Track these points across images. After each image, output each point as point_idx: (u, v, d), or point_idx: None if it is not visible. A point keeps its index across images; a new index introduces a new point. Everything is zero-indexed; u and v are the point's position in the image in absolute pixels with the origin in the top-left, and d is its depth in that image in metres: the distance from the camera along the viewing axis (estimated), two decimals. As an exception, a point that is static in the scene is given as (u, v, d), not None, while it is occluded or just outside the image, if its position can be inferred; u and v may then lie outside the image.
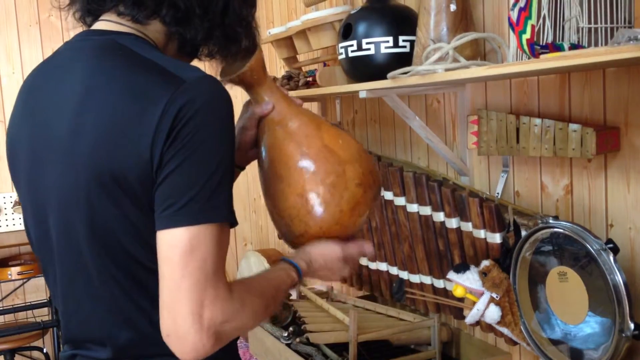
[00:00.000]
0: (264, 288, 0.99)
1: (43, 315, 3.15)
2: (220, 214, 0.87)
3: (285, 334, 1.82)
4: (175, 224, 0.85)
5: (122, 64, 0.93)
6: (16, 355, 3.08)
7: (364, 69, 1.70)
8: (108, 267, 0.94)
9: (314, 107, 2.64)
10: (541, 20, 1.21)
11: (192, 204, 0.85)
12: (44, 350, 3.10)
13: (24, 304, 3.16)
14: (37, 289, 3.25)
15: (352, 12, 1.75)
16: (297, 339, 1.80)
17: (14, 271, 3.09)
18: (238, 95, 1.44)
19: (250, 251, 2.89)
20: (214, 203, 0.87)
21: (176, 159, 0.85)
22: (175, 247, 0.84)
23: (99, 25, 1.01)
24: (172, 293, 0.84)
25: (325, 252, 1.09)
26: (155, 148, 0.86)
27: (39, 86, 1.02)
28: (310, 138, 1.09)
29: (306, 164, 1.07)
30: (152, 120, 0.86)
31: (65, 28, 3.49)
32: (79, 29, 1.07)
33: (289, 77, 2.22)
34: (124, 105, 0.88)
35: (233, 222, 0.91)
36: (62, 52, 1.02)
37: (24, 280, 3.20)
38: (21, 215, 3.49)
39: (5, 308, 3.09)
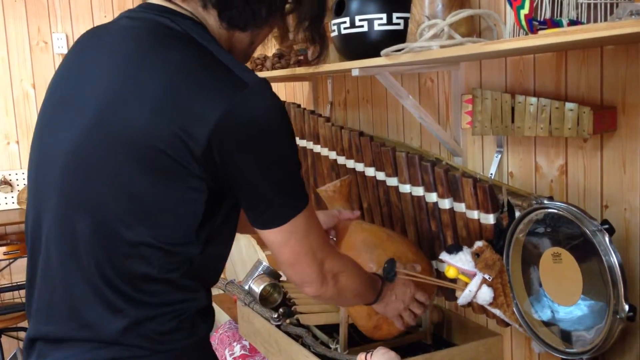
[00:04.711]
0: (360, 271, 1.22)
1: (30, 296, 3.12)
2: (307, 196, 1.02)
3: (275, 316, 1.80)
4: (281, 221, 0.99)
5: (178, 49, 0.94)
6: (2, 335, 3.06)
7: (357, 46, 1.67)
8: (100, 255, 0.94)
9: (305, 86, 2.60)
10: (539, -4, 1.19)
11: (288, 201, 0.99)
12: (31, 331, 3.08)
13: (10, 285, 3.13)
14: (24, 270, 3.21)
15: (345, -12, 1.71)
16: (287, 321, 1.79)
17: (-1, 251, 3.06)
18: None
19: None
20: (302, 192, 1.01)
21: (254, 171, 0.93)
22: (294, 232, 1.00)
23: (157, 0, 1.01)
24: (300, 264, 1.04)
25: (404, 286, 1.39)
26: (217, 140, 0.89)
27: (89, 49, 1.02)
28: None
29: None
30: (214, 113, 0.88)
31: (51, 3, 3.42)
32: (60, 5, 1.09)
33: (280, 56, 2.18)
34: (179, 87, 0.90)
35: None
36: (121, 24, 1.01)
37: (10, 260, 3.17)
38: (6, 195, 3.46)
39: (-9, 288, 3.06)
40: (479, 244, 1.45)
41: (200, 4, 0.99)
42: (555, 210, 1.27)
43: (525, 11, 1.14)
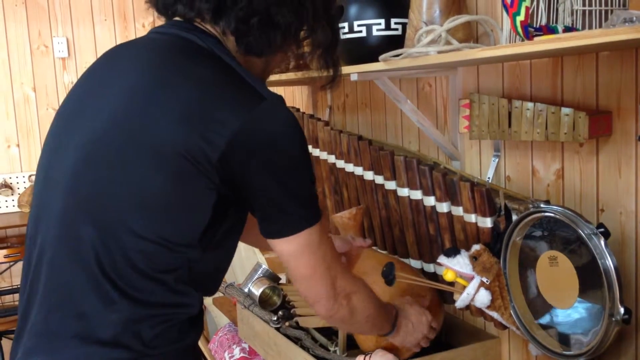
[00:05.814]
0: (373, 296, 1.23)
1: (30, 298, 3.12)
2: (320, 212, 1.04)
3: (275, 318, 1.81)
4: (293, 231, 1.01)
5: (203, 62, 0.98)
6: (3, 338, 3.06)
7: (355, 51, 1.68)
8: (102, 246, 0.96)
9: (304, 90, 2.62)
10: (535, 2, 1.20)
11: (301, 211, 1.01)
12: (31, 334, 3.08)
13: (10, 287, 3.14)
14: (24, 273, 3.23)
15: (344, -7, 1.73)
16: (287, 323, 1.80)
17: (0, 254, 3.07)
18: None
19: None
20: (315, 206, 1.03)
21: (268, 180, 0.97)
22: (306, 245, 1.02)
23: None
24: (313, 279, 1.06)
25: (419, 314, 1.43)
26: (235, 149, 0.93)
27: (115, 59, 1.06)
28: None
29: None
30: (234, 122, 0.92)
31: (52, 7, 3.43)
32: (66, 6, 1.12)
33: (279, 60, 2.19)
34: (203, 97, 0.94)
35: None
36: (149, 37, 1.06)
37: (11, 263, 3.18)
38: (7, 199, 3.47)
39: (-9, 291, 3.07)
40: (476, 247, 1.46)
41: (219, 30, 1.03)
42: (552, 214, 1.28)
43: (521, 17, 1.16)
